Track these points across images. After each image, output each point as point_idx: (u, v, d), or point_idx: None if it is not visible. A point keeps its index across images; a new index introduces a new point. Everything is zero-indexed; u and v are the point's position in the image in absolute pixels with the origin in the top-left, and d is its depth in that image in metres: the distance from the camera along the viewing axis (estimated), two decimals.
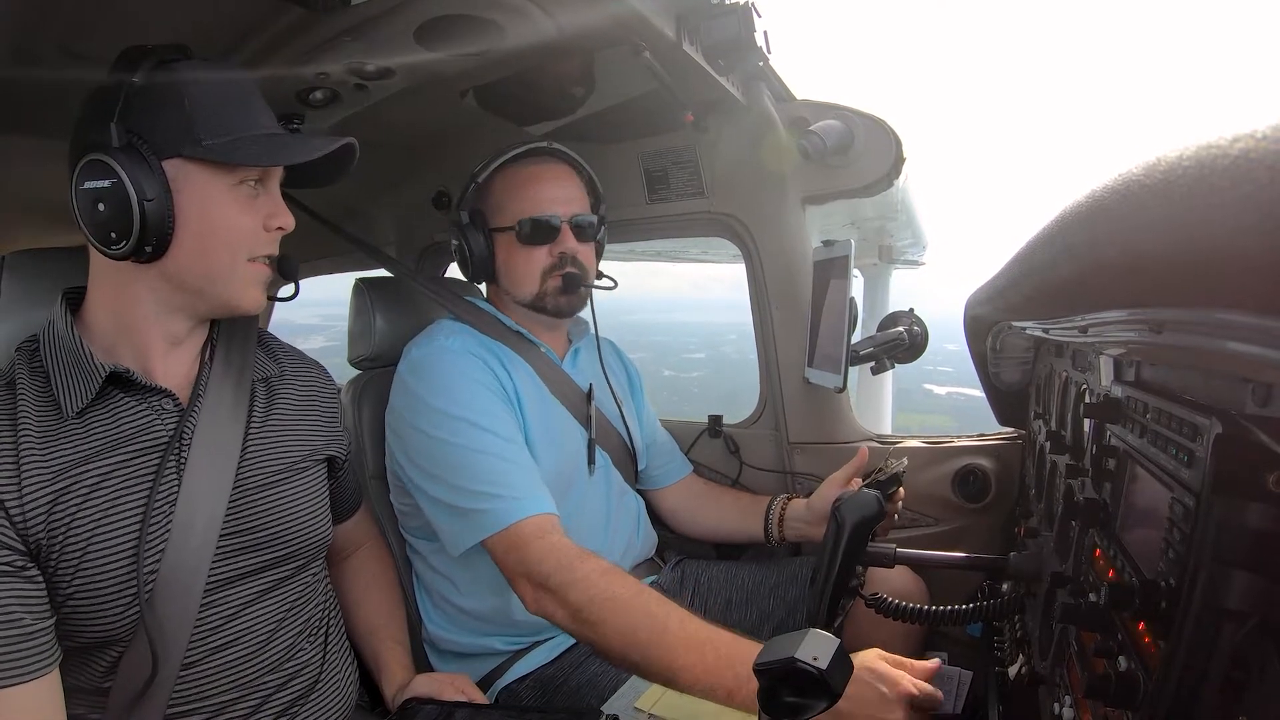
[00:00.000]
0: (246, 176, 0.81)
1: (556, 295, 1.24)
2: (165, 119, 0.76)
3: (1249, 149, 0.25)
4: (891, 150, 1.37)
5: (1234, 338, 0.39)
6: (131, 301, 0.82)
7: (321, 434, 0.98)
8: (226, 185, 0.80)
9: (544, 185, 1.25)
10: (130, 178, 0.74)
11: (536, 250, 1.24)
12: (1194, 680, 0.45)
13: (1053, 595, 0.81)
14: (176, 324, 0.84)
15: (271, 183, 0.85)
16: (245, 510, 0.86)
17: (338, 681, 0.97)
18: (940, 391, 21.78)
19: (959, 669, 1.45)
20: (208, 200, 0.79)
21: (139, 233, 0.75)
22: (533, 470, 1.11)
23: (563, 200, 1.25)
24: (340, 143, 0.83)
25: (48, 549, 0.74)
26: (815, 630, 0.61)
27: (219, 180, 0.79)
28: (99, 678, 0.80)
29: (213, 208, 0.79)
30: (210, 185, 0.79)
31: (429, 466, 1.12)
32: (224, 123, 0.78)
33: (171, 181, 0.77)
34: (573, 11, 0.96)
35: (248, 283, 0.84)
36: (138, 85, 0.75)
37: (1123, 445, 0.67)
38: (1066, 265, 0.53)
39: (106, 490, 0.77)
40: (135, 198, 0.74)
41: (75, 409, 0.77)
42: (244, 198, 0.81)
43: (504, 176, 1.26)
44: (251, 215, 0.82)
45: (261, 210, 0.83)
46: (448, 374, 1.15)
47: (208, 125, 0.77)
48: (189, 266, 0.80)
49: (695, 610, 1.34)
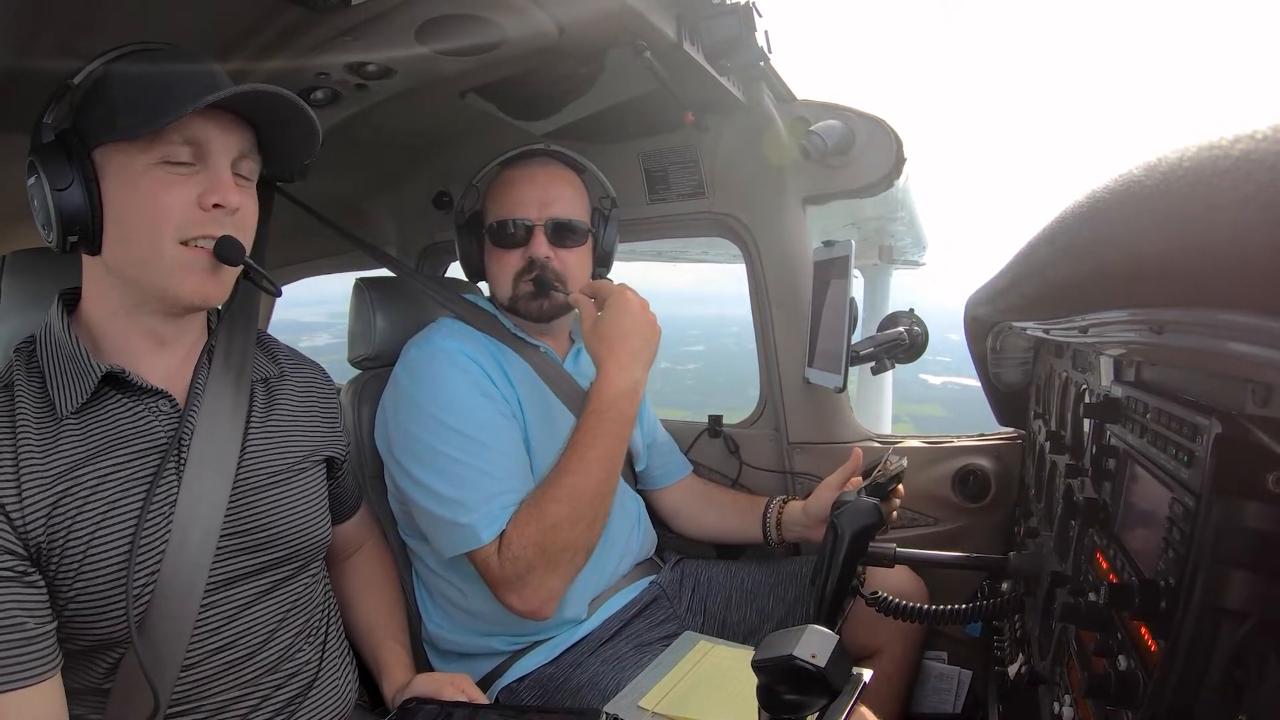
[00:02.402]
0: (169, 155, 0.75)
1: (528, 300, 1.23)
2: (93, 111, 0.76)
3: (1250, 149, 0.25)
4: (892, 150, 1.37)
5: (1234, 338, 0.39)
6: (102, 298, 0.81)
7: (321, 434, 0.98)
8: (145, 165, 0.75)
9: (520, 188, 1.23)
10: (45, 170, 0.74)
11: (508, 254, 1.23)
12: (1193, 679, 0.45)
13: (1052, 595, 0.81)
14: (146, 320, 0.82)
15: (212, 158, 0.78)
16: (245, 511, 0.86)
17: (336, 681, 0.96)
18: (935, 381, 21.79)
19: (959, 668, 1.45)
20: (126, 183, 0.76)
21: (58, 223, 0.74)
22: (516, 482, 1.11)
23: (538, 203, 1.22)
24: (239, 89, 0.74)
25: (48, 552, 0.73)
26: (814, 627, 0.61)
27: (136, 160, 0.75)
28: (99, 679, 0.80)
29: (131, 190, 0.76)
30: (127, 167, 0.75)
31: (415, 471, 1.12)
32: (143, 104, 0.75)
33: (100, 170, 0.76)
34: (573, 11, 0.96)
35: (180, 269, 0.77)
36: (74, 84, 0.76)
37: (1123, 445, 0.67)
38: (1067, 266, 0.53)
39: (106, 492, 0.76)
40: (48, 188, 0.74)
41: (71, 409, 0.77)
42: (168, 176, 0.76)
43: (497, 179, 1.28)
44: (177, 192, 0.76)
45: (196, 187, 0.77)
46: (441, 378, 1.14)
47: (127, 109, 0.75)
48: (118, 254, 0.78)
49: (695, 610, 1.35)
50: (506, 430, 1.14)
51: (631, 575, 1.33)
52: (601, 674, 1.15)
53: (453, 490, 1.08)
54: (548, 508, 1.05)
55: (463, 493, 1.07)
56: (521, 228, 1.22)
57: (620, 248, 1.41)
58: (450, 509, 1.07)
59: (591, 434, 1.07)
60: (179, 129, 0.75)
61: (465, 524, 1.06)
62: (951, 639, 1.43)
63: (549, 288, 1.21)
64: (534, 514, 1.05)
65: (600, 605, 1.26)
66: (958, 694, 1.38)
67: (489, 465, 1.09)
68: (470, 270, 1.33)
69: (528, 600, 1.06)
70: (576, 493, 1.05)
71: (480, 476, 1.08)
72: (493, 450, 1.10)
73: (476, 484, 1.08)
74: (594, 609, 1.25)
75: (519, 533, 1.05)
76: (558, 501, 1.05)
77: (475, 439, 1.10)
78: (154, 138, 0.74)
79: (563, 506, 1.05)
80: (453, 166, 1.71)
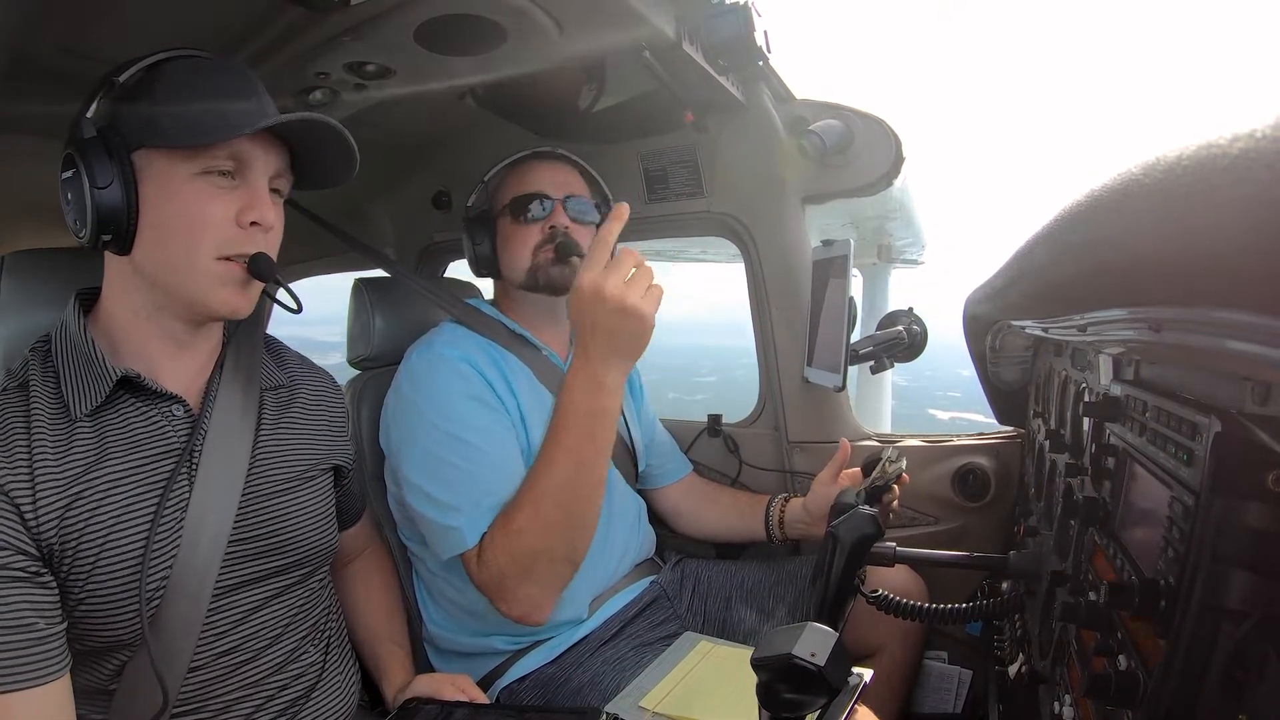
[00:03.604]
0: (212, 166, 0.76)
1: (549, 266, 1.24)
2: (136, 112, 0.75)
3: (1249, 149, 0.25)
4: (891, 150, 1.37)
5: (1233, 337, 0.39)
6: (125, 299, 0.81)
7: (329, 443, 0.98)
8: (188, 174, 0.76)
9: (538, 172, 1.28)
10: (86, 166, 0.73)
11: (529, 228, 1.25)
12: (1194, 679, 0.45)
13: (1052, 594, 0.81)
14: (168, 324, 0.82)
15: (252, 175, 0.79)
16: (253, 518, 0.86)
17: (339, 683, 0.97)
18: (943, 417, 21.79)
19: (959, 668, 1.45)
20: (166, 189, 0.76)
21: (94, 220, 0.74)
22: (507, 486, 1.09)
23: (558, 184, 1.27)
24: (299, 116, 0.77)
25: (60, 553, 0.73)
26: (813, 624, 0.60)
27: (179, 168, 0.75)
28: (105, 680, 0.80)
29: (171, 197, 0.76)
30: (170, 174, 0.75)
31: (411, 475, 1.12)
32: (191, 116, 0.75)
33: (139, 172, 0.75)
34: (573, 11, 0.96)
35: (215, 282, 0.78)
36: (119, 82, 0.76)
37: (1122, 444, 0.67)
38: (1066, 264, 0.53)
39: (119, 495, 0.76)
40: (88, 184, 0.73)
41: (85, 411, 0.77)
42: (209, 188, 0.77)
43: (511, 170, 1.31)
44: (218, 206, 0.77)
45: (236, 203, 0.78)
46: (441, 384, 1.15)
47: (173, 115, 0.75)
48: (150, 258, 0.78)
49: (695, 610, 1.35)
50: (502, 436, 1.14)
51: (632, 575, 1.33)
52: (602, 674, 1.15)
53: (445, 494, 1.08)
54: (512, 514, 1.04)
55: (455, 496, 1.07)
56: (543, 199, 1.25)
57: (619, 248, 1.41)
58: (443, 512, 1.08)
59: (555, 433, 1.03)
60: (225, 143, 0.76)
61: (455, 526, 1.06)
62: (951, 639, 1.44)
63: (570, 252, 1.23)
64: (501, 520, 1.05)
65: (601, 605, 1.26)
66: (958, 694, 1.37)
67: (481, 470, 1.09)
68: (479, 262, 1.32)
69: (511, 606, 1.06)
70: (541, 497, 1.02)
71: (471, 480, 1.08)
72: (486, 454, 1.10)
73: (467, 488, 1.08)
74: (594, 609, 1.25)
75: (490, 538, 1.05)
76: (521, 507, 1.03)
77: (470, 444, 1.10)
78: (200, 149, 0.75)
79: (525, 511, 1.03)
80: (452, 166, 1.71)
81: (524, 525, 1.03)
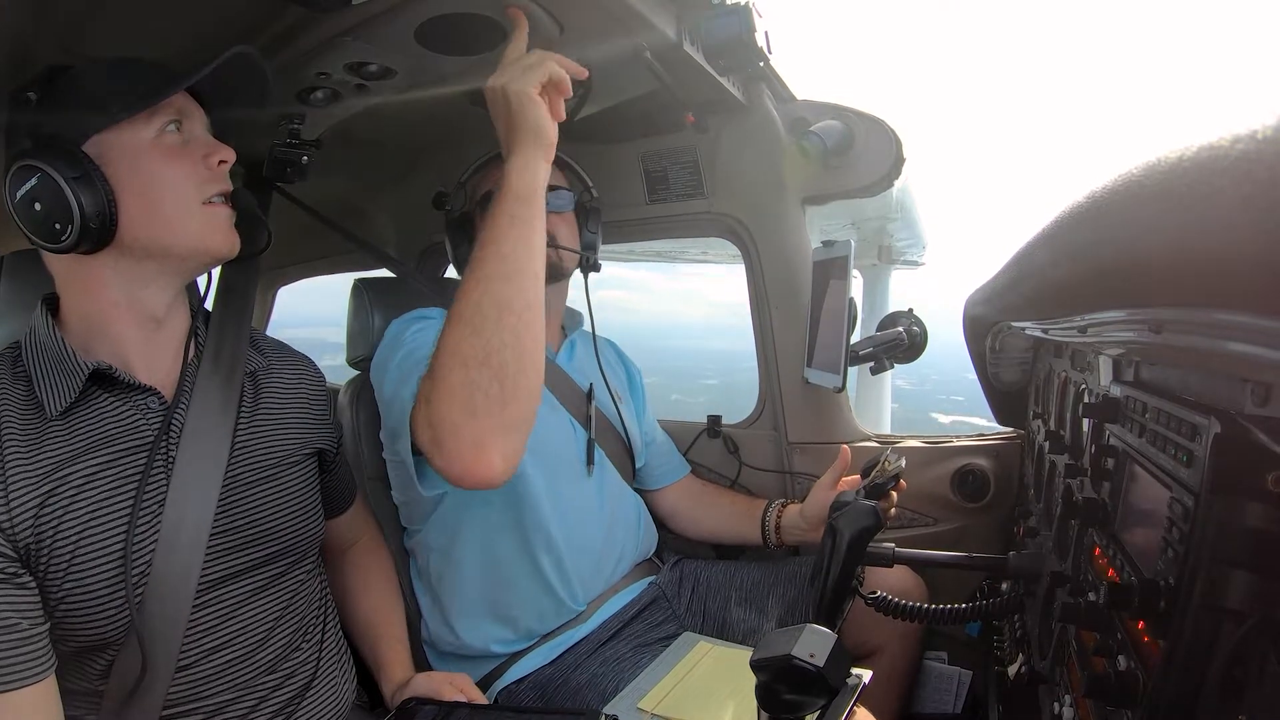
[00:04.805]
0: (164, 124, 0.81)
1: None
2: (71, 111, 0.78)
3: (1249, 150, 0.25)
4: (891, 150, 1.37)
5: (1233, 338, 0.39)
6: (96, 293, 0.81)
7: (310, 427, 0.98)
8: (147, 140, 0.80)
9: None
10: (52, 165, 0.75)
11: None
12: (1193, 679, 0.45)
13: (1052, 594, 0.81)
14: (151, 299, 0.83)
15: (194, 124, 0.84)
16: (235, 508, 0.86)
17: (334, 681, 0.96)
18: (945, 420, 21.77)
19: (959, 668, 1.45)
20: (137, 158, 0.79)
21: (79, 213, 0.75)
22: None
23: None
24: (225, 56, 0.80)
25: (36, 553, 0.73)
26: (812, 626, 0.60)
27: (139, 136, 0.79)
28: (94, 680, 0.80)
29: (144, 163, 0.79)
30: (132, 144, 0.79)
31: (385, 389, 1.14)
32: (121, 90, 0.79)
33: (97, 159, 0.77)
34: (573, 11, 0.96)
35: (211, 225, 0.83)
36: (36, 97, 0.78)
37: (1122, 445, 0.67)
38: (1066, 266, 0.53)
39: (93, 491, 0.76)
40: (62, 179, 0.74)
41: (59, 408, 0.77)
42: (172, 145, 0.81)
43: (481, 173, 1.33)
44: (185, 158, 0.82)
45: (195, 152, 0.83)
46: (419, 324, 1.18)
47: (115, 93, 0.78)
48: (144, 227, 0.79)
49: (694, 610, 1.35)
50: None
51: (631, 576, 1.33)
52: (601, 675, 1.15)
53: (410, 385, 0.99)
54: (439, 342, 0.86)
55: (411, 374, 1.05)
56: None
57: (620, 248, 1.42)
58: (397, 388, 1.10)
59: (481, 238, 0.88)
60: (168, 103, 0.81)
61: (406, 395, 1.05)
62: (951, 639, 1.44)
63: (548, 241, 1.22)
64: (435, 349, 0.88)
65: (600, 606, 1.26)
66: (958, 694, 1.38)
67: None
68: (460, 263, 1.33)
69: (451, 460, 0.83)
70: (467, 298, 0.86)
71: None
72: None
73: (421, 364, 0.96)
74: (593, 609, 1.25)
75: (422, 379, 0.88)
76: (450, 322, 0.86)
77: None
78: (151, 114, 0.80)
79: (450, 333, 0.85)
80: (452, 166, 1.71)
81: (446, 345, 0.85)
